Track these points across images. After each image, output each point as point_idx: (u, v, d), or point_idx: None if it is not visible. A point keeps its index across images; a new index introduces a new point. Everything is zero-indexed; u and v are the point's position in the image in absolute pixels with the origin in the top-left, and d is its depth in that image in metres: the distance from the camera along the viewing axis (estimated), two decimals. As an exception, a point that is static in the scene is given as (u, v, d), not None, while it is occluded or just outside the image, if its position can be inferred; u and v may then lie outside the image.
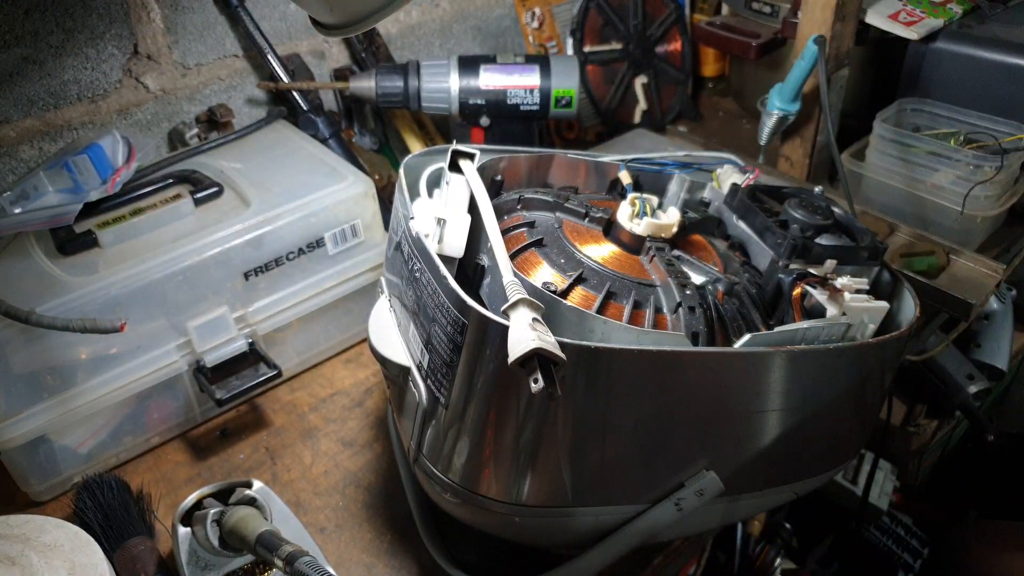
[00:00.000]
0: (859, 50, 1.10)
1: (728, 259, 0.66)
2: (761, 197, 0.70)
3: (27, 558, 0.55)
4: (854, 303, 0.58)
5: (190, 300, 0.75)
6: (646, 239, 0.62)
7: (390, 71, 0.99)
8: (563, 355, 0.45)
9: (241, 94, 1.03)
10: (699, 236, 0.68)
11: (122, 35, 0.90)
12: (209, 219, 0.78)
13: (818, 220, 0.65)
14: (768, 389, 0.55)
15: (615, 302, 0.57)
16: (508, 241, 0.62)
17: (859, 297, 0.59)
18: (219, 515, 0.63)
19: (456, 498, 0.55)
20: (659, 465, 0.55)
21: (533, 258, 0.61)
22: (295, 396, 0.85)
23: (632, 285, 0.58)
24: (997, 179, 0.92)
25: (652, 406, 0.52)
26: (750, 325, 0.58)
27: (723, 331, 0.57)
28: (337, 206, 0.81)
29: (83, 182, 0.79)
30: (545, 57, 1.01)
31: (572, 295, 0.57)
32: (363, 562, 0.68)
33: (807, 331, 0.57)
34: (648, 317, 0.57)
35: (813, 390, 0.57)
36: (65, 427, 0.71)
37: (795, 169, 1.12)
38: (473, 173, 0.63)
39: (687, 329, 0.55)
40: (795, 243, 0.62)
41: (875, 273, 0.67)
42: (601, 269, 0.60)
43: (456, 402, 0.52)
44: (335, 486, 0.74)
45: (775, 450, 0.58)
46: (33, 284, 0.70)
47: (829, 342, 0.57)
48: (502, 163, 0.72)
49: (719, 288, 0.59)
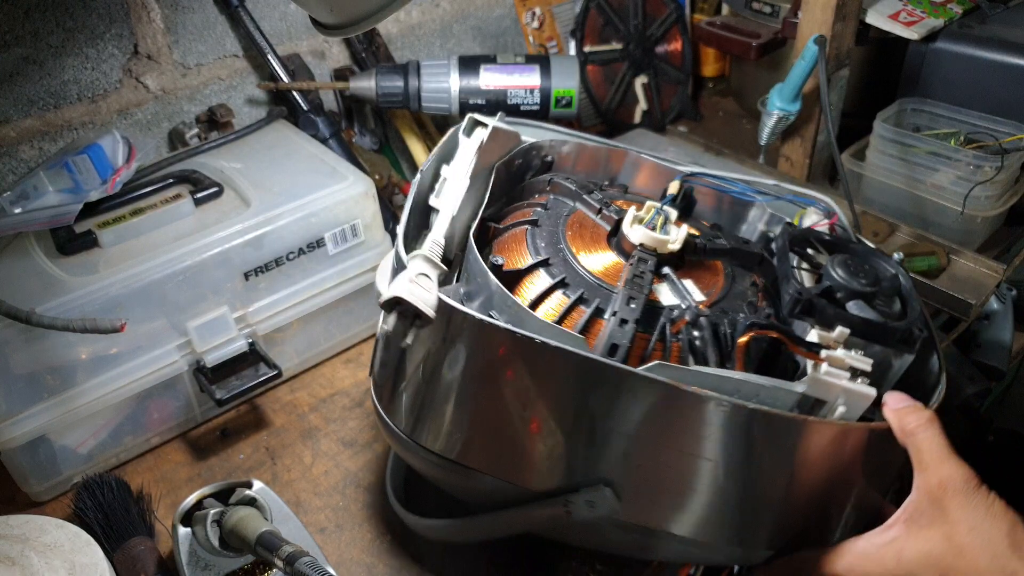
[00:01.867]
0: (859, 50, 1.10)
1: (741, 296, 0.61)
2: (816, 245, 0.64)
3: (27, 558, 0.55)
4: (826, 377, 0.51)
5: (190, 300, 0.75)
6: (638, 246, 0.61)
7: (390, 71, 0.99)
8: (429, 311, 0.52)
9: (241, 94, 1.03)
10: (719, 263, 0.64)
11: (122, 35, 0.90)
12: (209, 219, 0.78)
13: (857, 284, 0.58)
14: (675, 427, 0.51)
15: (564, 294, 0.58)
16: (513, 214, 0.67)
17: (837, 373, 0.51)
18: (219, 515, 0.63)
19: (384, 426, 0.60)
20: (548, 456, 0.54)
21: (519, 235, 0.63)
22: (295, 396, 0.85)
23: (590, 284, 0.59)
24: (997, 179, 0.92)
25: (543, 397, 0.52)
26: (699, 358, 0.55)
27: (672, 356, 0.55)
28: (337, 206, 0.81)
29: (83, 182, 0.79)
30: (545, 57, 1.01)
31: (528, 278, 0.60)
32: (363, 562, 0.68)
33: (740, 382, 0.51)
34: (583, 317, 0.57)
35: (736, 449, 0.51)
36: (65, 427, 0.71)
37: (795, 169, 1.12)
38: (474, 142, 0.66)
39: (608, 339, 0.53)
40: (798, 297, 0.56)
41: (906, 362, 0.58)
42: (571, 261, 0.60)
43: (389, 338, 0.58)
44: (335, 486, 0.74)
45: (692, 497, 0.53)
46: (33, 284, 0.70)
47: (773, 406, 0.50)
48: (565, 147, 0.74)
49: (684, 316, 0.56)
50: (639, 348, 0.56)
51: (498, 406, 0.53)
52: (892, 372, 0.59)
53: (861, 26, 1.07)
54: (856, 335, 0.55)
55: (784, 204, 0.71)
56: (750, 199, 0.71)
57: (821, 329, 0.55)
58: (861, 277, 0.59)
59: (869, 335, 0.56)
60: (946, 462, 0.50)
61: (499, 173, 0.70)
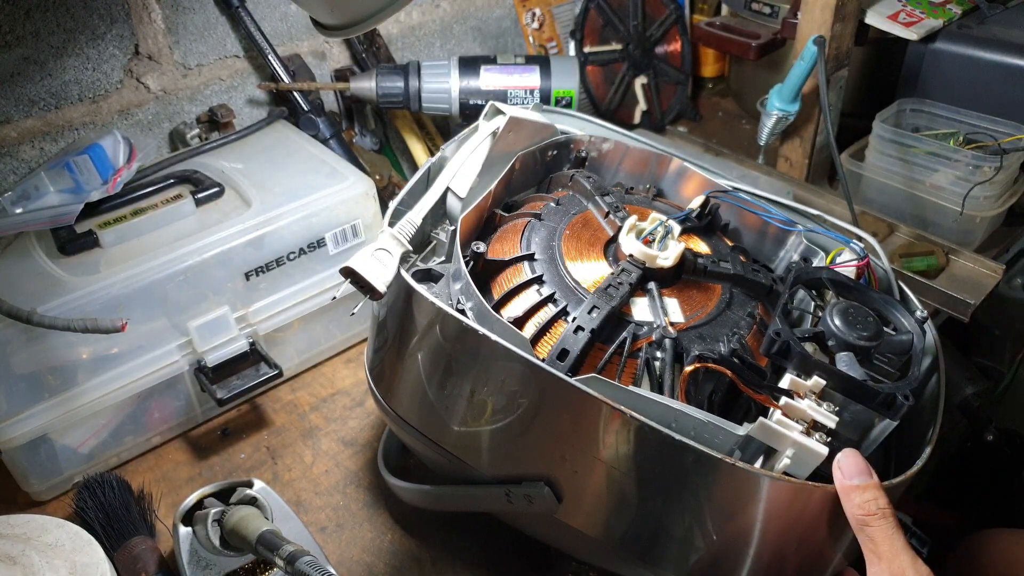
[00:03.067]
0: (859, 50, 1.10)
1: (731, 324, 0.59)
2: (828, 286, 0.60)
3: (28, 558, 0.55)
4: (775, 425, 0.48)
5: (191, 300, 0.75)
6: (628, 257, 0.60)
7: (391, 72, 0.99)
8: (379, 287, 0.56)
9: (242, 94, 1.03)
10: (719, 288, 0.62)
11: (123, 35, 0.90)
12: (210, 219, 0.78)
13: (852, 336, 0.54)
14: (603, 442, 0.50)
15: (537, 291, 0.59)
16: (527, 205, 0.69)
17: (788, 423, 0.49)
18: (220, 514, 0.63)
19: (369, 387, 0.64)
20: (492, 443, 0.55)
21: (519, 227, 0.64)
22: (296, 396, 0.85)
23: (566, 286, 0.58)
24: (996, 179, 0.92)
25: (485, 385, 0.53)
26: (654, 379, 0.55)
27: (627, 372, 0.55)
28: (338, 206, 0.81)
29: (84, 182, 0.79)
30: (545, 58, 1.01)
31: (510, 269, 0.61)
32: (363, 561, 0.68)
33: (677, 412, 0.49)
34: (544, 316, 0.57)
35: (658, 474, 0.50)
36: (66, 427, 0.71)
37: (794, 170, 1.12)
38: (488, 128, 0.68)
39: (559, 343, 0.54)
40: (774, 338, 0.53)
41: (887, 427, 0.54)
42: (557, 260, 0.60)
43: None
44: (336, 485, 0.74)
45: (617, 511, 0.52)
46: (34, 284, 0.70)
47: (708, 445, 0.48)
48: (605, 144, 0.75)
49: (650, 335, 0.55)
50: (596, 358, 0.55)
51: (445, 383, 0.56)
52: (873, 435, 0.55)
53: (860, 26, 1.07)
54: (833, 388, 0.52)
55: (828, 235, 0.68)
56: (783, 227, 0.68)
57: (798, 375, 0.52)
58: (860, 328, 0.54)
59: (848, 391, 0.52)
60: (899, 555, 0.47)
61: (528, 161, 0.70)
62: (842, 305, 0.56)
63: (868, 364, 0.56)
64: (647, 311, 0.58)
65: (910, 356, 0.56)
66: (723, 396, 0.56)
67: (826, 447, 0.48)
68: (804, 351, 0.53)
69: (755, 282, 0.62)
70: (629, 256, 0.60)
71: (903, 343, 0.57)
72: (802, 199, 1.07)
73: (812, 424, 0.49)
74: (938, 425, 0.54)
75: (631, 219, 0.62)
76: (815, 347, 0.57)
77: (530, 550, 0.66)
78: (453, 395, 0.55)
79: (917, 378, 0.54)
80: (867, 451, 0.55)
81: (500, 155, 0.68)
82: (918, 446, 0.54)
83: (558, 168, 0.75)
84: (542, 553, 0.66)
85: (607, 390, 0.49)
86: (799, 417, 0.50)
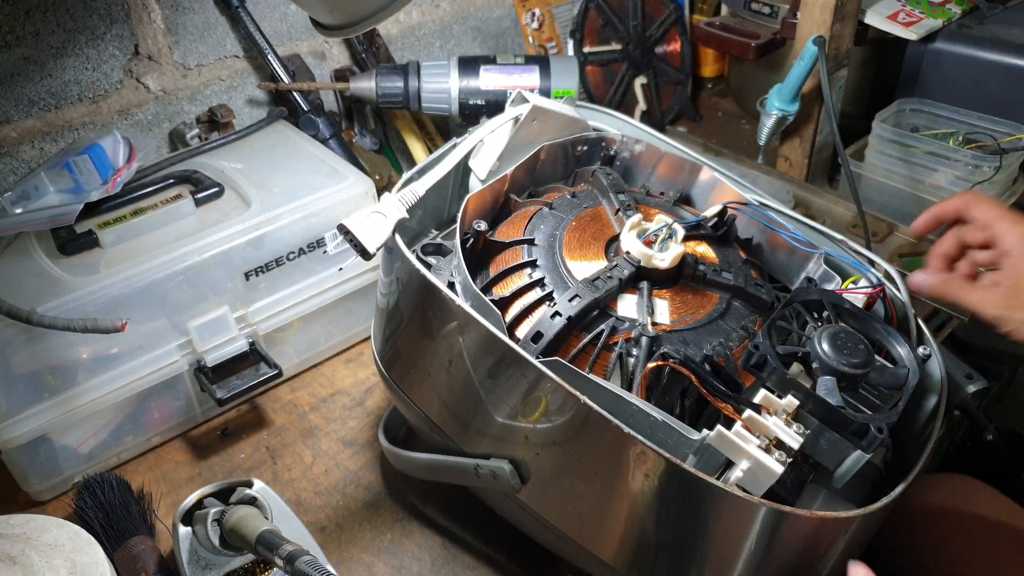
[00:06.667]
0: (858, 50, 1.11)
1: (721, 333, 0.58)
2: (830, 310, 0.58)
3: (28, 557, 0.55)
4: (732, 436, 0.47)
5: (191, 300, 0.75)
6: (625, 253, 0.60)
7: (390, 72, 0.99)
8: (369, 247, 0.58)
9: (242, 94, 1.03)
10: (716, 296, 0.62)
11: (123, 36, 0.90)
12: (210, 219, 0.78)
13: (837, 361, 0.52)
14: (560, 425, 0.51)
15: (529, 274, 0.60)
16: (544, 195, 0.71)
17: (746, 436, 0.48)
18: (220, 514, 0.63)
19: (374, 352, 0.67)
20: (467, 421, 0.57)
21: (528, 213, 0.66)
22: (296, 396, 0.85)
23: (557, 272, 0.60)
24: (996, 179, 0.93)
25: (459, 358, 0.56)
26: (625, 374, 0.55)
27: (600, 364, 0.56)
28: (338, 206, 0.81)
29: (84, 182, 0.79)
30: (545, 58, 1.01)
31: (509, 251, 0.63)
32: (363, 561, 0.68)
33: (636, 409, 0.49)
34: (530, 299, 0.58)
35: (610, 467, 0.50)
36: (66, 427, 0.71)
37: (794, 169, 1.12)
38: (511, 113, 0.69)
39: (535, 325, 0.56)
40: (752, 350, 0.53)
41: (859, 459, 0.52)
42: (555, 248, 0.62)
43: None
44: (335, 485, 0.74)
45: (573, 503, 0.53)
46: (34, 284, 0.70)
47: (661, 445, 0.48)
48: (637, 145, 0.76)
49: (628, 330, 0.56)
50: (572, 345, 0.57)
51: (426, 348, 0.58)
52: (846, 465, 0.53)
53: (860, 26, 1.07)
54: (809, 411, 0.51)
55: (846, 261, 0.67)
56: (801, 247, 0.67)
57: (772, 391, 0.51)
58: (847, 354, 0.52)
59: (822, 416, 0.51)
60: None
61: (555, 153, 0.72)
62: (833, 329, 0.54)
63: (853, 392, 0.55)
64: (633, 308, 0.59)
65: (903, 392, 0.54)
66: (694, 402, 0.55)
67: (781, 466, 0.47)
68: (780, 367, 0.52)
69: (755, 296, 0.61)
70: (626, 253, 0.60)
71: (897, 376, 0.55)
72: (802, 199, 1.07)
73: (775, 442, 0.48)
74: (931, 448, 0.54)
75: (635, 217, 0.62)
76: (801, 368, 0.55)
77: (530, 550, 0.66)
78: (435, 366, 0.57)
79: (898, 412, 0.52)
80: (840, 482, 0.53)
81: (524, 143, 0.70)
82: (917, 451, 0.54)
83: (589, 164, 0.76)
84: (542, 553, 0.66)
85: (567, 375, 0.50)
86: (761, 432, 0.49)
